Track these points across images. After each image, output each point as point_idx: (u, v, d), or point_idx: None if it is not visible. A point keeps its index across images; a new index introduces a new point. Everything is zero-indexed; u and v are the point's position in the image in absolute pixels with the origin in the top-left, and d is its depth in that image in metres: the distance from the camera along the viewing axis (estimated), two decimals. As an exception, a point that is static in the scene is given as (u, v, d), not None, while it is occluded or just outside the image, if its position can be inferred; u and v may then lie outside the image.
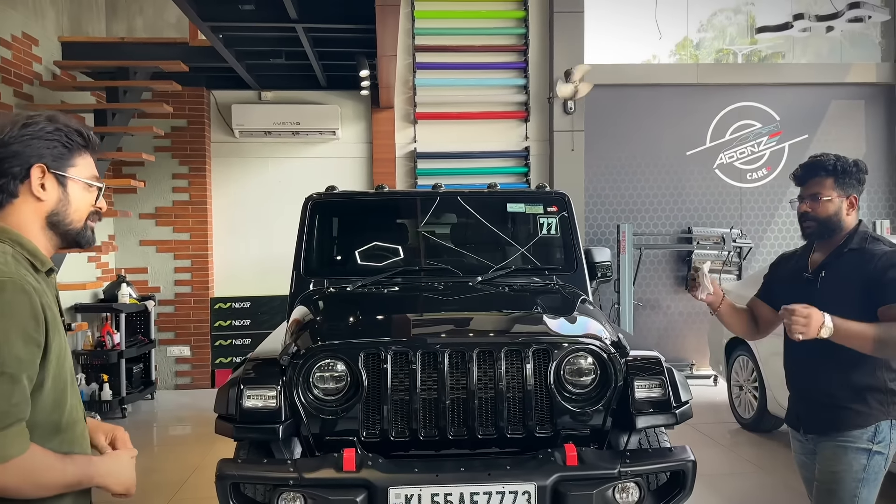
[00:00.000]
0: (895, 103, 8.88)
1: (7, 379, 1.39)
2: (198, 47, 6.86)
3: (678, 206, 8.73)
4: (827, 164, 2.58)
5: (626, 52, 9.47)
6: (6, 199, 1.57)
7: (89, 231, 1.69)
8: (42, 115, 1.62)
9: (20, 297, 1.43)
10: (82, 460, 1.56)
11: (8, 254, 1.51)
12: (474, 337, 3.12)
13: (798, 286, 2.63)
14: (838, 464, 2.47)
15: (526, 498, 2.74)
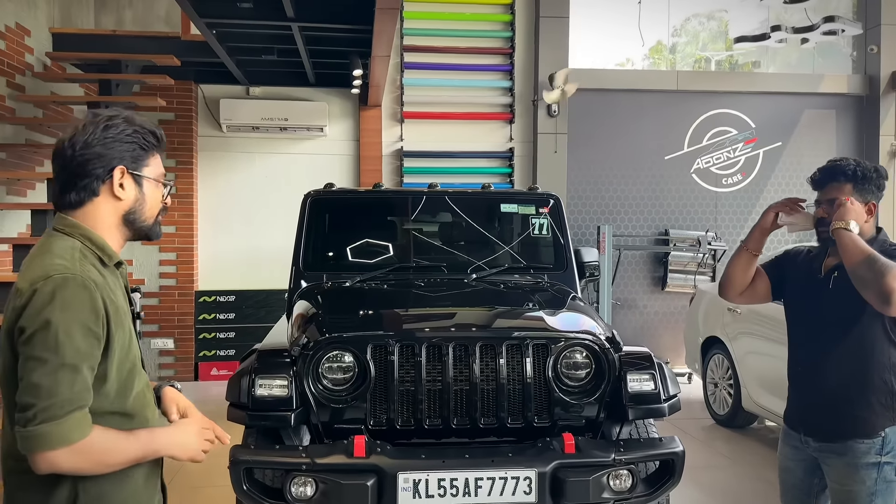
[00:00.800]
0: (865, 114, 9.23)
1: (69, 369, 1.48)
2: (190, 42, 6.92)
3: (656, 208, 8.98)
4: (847, 169, 2.49)
5: (603, 56, 9.72)
6: (87, 198, 1.66)
7: (158, 226, 1.79)
8: (120, 116, 1.70)
9: (81, 292, 1.52)
10: (144, 435, 1.64)
11: (76, 249, 1.60)
12: (477, 331, 3.27)
13: (810, 287, 2.60)
14: (851, 483, 2.43)
15: (527, 483, 2.90)
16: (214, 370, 8.21)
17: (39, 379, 1.47)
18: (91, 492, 1.58)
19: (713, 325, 6.43)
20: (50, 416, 1.46)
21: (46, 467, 1.49)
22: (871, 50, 9.07)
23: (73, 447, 1.48)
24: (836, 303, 2.46)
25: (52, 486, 1.56)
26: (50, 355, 1.47)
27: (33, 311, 1.49)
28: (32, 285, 1.51)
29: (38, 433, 1.46)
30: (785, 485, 2.73)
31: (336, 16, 5.89)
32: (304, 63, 7.35)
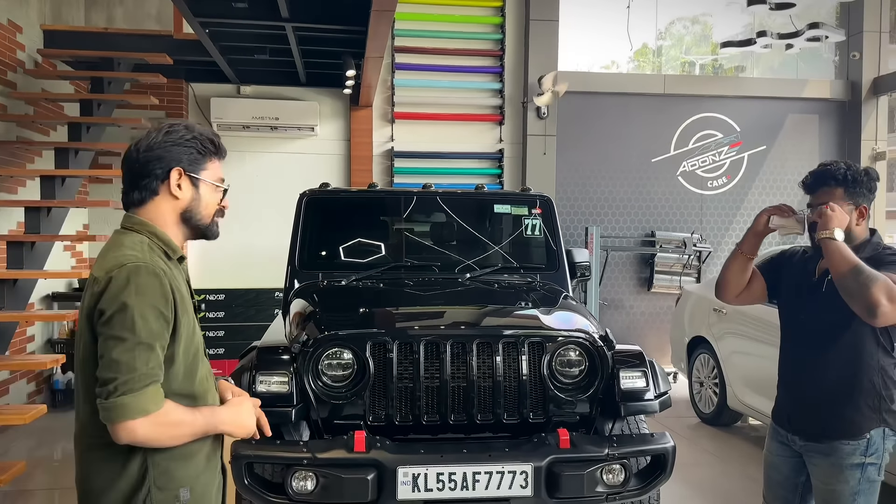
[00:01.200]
0: (847, 119, 9.42)
1: (144, 347, 1.65)
2: (182, 40, 6.93)
3: (643, 210, 9.10)
4: (837, 173, 2.50)
5: (589, 58, 9.84)
6: (148, 196, 1.83)
7: (215, 226, 1.95)
8: (181, 124, 1.86)
9: (152, 279, 1.69)
10: (207, 412, 1.81)
11: (144, 243, 1.77)
12: (474, 329, 3.34)
13: (804, 289, 2.63)
14: (835, 482, 2.48)
15: (524, 477, 2.97)
16: (203, 368, 8.21)
17: (119, 355, 1.63)
18: (160, 466, 1.73)
19: (699, 325, 6.54)
20: (129, 388, 1.62)
21: (126, 436, 1.64)
22: (853, 56, 9.25)
23: (149, 417, 1.64)
24: (829, 306, 2.48)
25: (126, 461, 1.71)
26: (128, 334, 1.63)
27: (111, 296, 1.65)
28: (108, 273, 1.68)
29: (119, 404, 1.62)
30: (770, 481, 2.76)
31: (330, 16, 5.93)
32: (295, 63, 7.38)
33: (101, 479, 1.72)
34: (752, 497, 4.66)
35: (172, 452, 1.74)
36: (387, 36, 5.78)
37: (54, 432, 6.01)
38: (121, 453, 1.70)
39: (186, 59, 7.32)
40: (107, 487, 1.72)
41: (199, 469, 1.81)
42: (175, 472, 1.75)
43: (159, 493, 1.73)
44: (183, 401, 1.77)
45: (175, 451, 1.74)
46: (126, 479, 1.71)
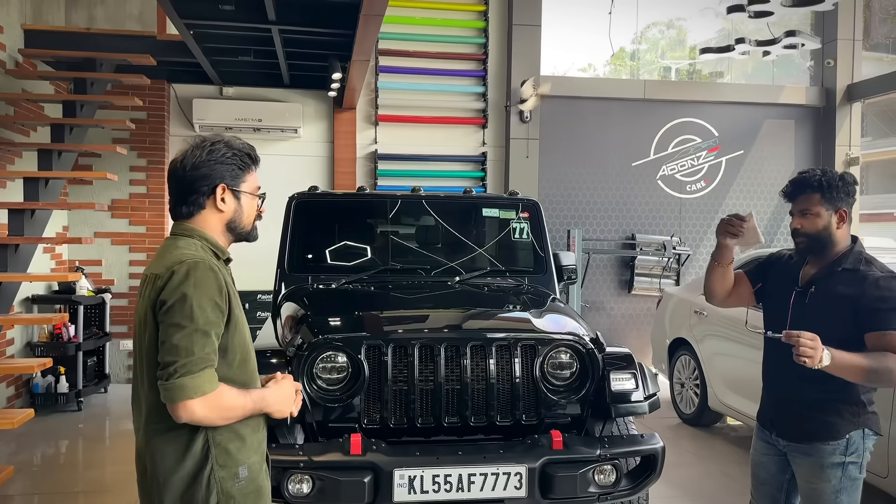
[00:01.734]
0: (822, 124, 9.62)
1: (202, 334, 1.81)
2: (165, 41, 6.88)
3: (623, 213, 9.21)
4: (812, 180, 2.57)
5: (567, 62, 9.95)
6: (196, 210, 2.01)
7: (255, 230, 2.13)
8: (222, 141, 2.02)
9: (209, 273, 1.86)
10: (256, 393, 1.97)
11: (198, 245, 1.97)
12: (467, 333, 3.37)
13: (789, 297, 2.68)
14: (817, 480, 2.55)
15: (518, 478, 3.02)
16: (185, 371, 8.15)
17: (179, 341, 1.79)
18: (221, 446, 1.89)
19: (680, 327, 6.64)
20: (188, 370, 1.78)
21: (185, 415, 1.79)
22: (827, 63, 9.45)
23: (206, 397, 1.79)
24: (813, 314, 2.55)
25: (190, 442, 1.87)
26: (187, 322, 1.80)
27: (172, 288, 1.82)
28: (169, 269, 1.85)
29: (178, 385, 1.77)
30: (757, 479, 2.83)
31: (317, 19, 5.93)
32: (280, 64, 7.37)
33: (168, 461, 1.87)
34: (734, 496, 4.76)
35: (230, 434, 1.90)
36: (374, 40, 5.81)
37: (34, 437, 5.95)
38: (185, 435, 1.86)
39: (169, 60, 7.27)
40: (174, 468, 1.86)
41: (251, 450, 1.97)
42: (233, 452, 1.90)
43: (221, 470, 1.88)
44: (236, 386, 1.93)
45: (231, 432, 1.91)
46: (191, 458, 1.86)
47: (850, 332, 2.48)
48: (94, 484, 4.95)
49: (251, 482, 1.96)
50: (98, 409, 7.03)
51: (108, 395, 7.51)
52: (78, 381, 6.83)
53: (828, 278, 2.58)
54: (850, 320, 2.49)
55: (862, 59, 9.65)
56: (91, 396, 7.27)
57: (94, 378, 7.35)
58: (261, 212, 2.13)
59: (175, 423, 1.83)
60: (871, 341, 2.45)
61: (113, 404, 7.22)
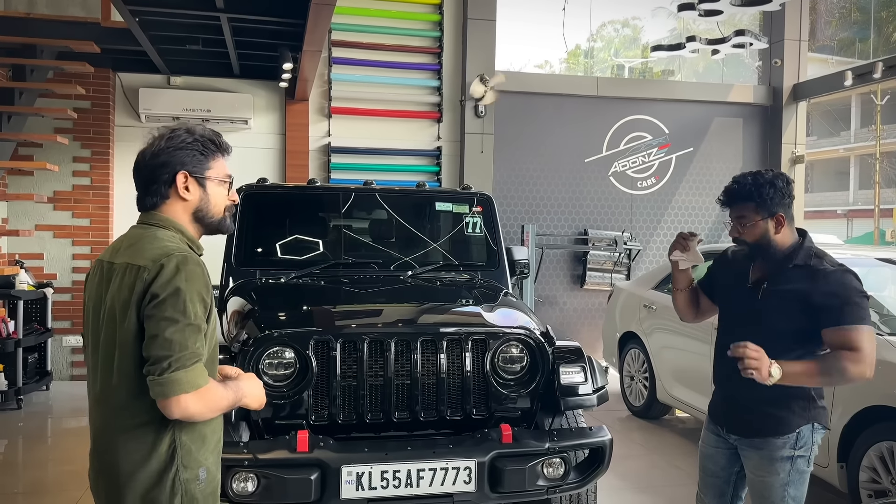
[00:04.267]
0: (768, 123, 9.85)
1: (194, 328, 1.78)
2: (109, 28, 6.68)
3: (576, 209, 9.30)
4: (744, 190, 2.55)
5: (523, 58, 10.00)
6: (160, 201, 1.93)
7: (227, 220, 2.04)
8: (183, 128, 1.95)
9: (198, 268, 1.84)
10: (234, 385, 1.95)
11: (176, 238, 1.91)
12: (418, 327, 3.34)
13: (740, 294, 2.68)
14: (766, 473, 2.56)
15: (467, 473, 3.01)
16: (131, 368, 7.94)
17: (172, 335, 1.74)
18: (185, 447, 1.84)
19: (629, 320, 6.73)
20: (181, 364, 1.74)
21: (178, 410, 1.75)
22: (775, 63, 9.68)
23: (199, 391, 1.76)
24: (765, 313, 2.54)
25: (156, 441, 1.81)
26: (180, 316, 1.76)
27: (164, 281, 1.77)
28: (157, 262, 1.80)
29: (173, 379, 1.73)
30: (706, 471, 2.82)
31: (267, 8, 5.82)
32: (229, 54, 7.22)
33: (132, 460, 1.81)
34: (680, 487, 4.84)
35: (193, 434, 1.86)
36: (326, 30, 5.73)
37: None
38: (151, 434, 1.81)
39: (114, 48, 7.06)
40: (137, 468, 1.81)
41: (209, 451, 1.92)
42: (196, 452, 1.87)
43: (186, 472, 1.83)
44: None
45: (195, 433, 1.87)
46: (156, 459, 1.81)
47: (803, 328, 2.48)
48: (36, 485, 4.79)
49: (210, 483, 1.92)
50: (39, 407, 6.80)
51: (51, 393, 7.28)
52: (18, 379, 6.58)
53: (779, 275, 2.56)
54: (803, 316, 2.47)
55: (808, 60, 9.91)
56: (32, 394, 7.04)
57: (35, 375, 7.11)
58: (232, 200, 2.04)
59: (143, 421, 1.80)
60: (828, 337, 2.45)
61: (55, 402, 7.00)
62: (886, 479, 3.79)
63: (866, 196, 29.69)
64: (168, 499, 1.82)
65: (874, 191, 25.31)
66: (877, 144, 25.26)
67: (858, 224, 31.02)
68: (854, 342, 2.39)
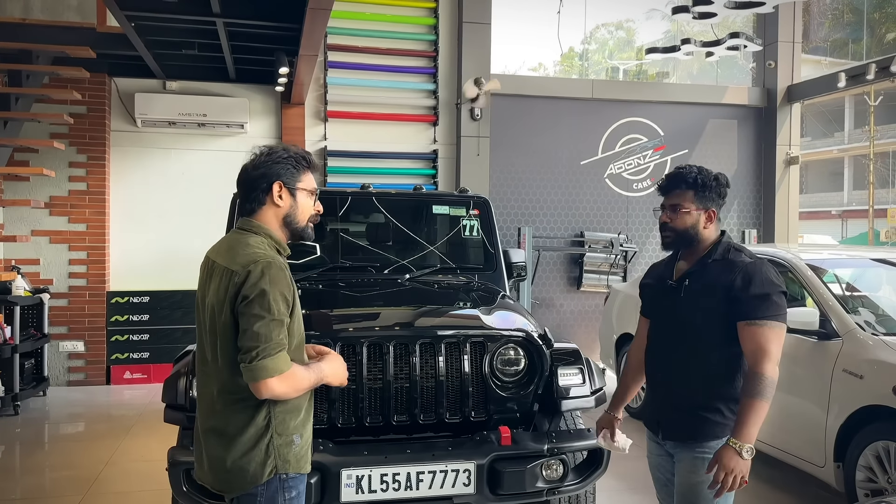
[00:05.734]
0: (763, 124, 9.89)
1: (277, 323, 2.09)
2: (105, 33, 6.68)
3: (572, 211, 9.32)
4: (688, 176, 2.59)
5: (518, 61, 10.04)
6: (257, 206, 2.26)
7: (309, 228, 2.35)
8: (280, 146, 2.30)
9: (280, 272, 2.13)
10: (316, 367, 2.25)
11: (265, 243, 2.21)
12: (417, 330, 3.35)
13: (663, 293, 2.69)
14: (696, 475, 2.49)
15: (466, 475, 3.02)
16: (128, 374, 7.94)
17: (259, 329, 2.06)
18: (279, 417, 2.17)
19: (626, 322, 6.75)
20: (267, 353, 2.05)
21: (266, 392, 2.07)
22: (769, 65, 9.72)
23: (282, 375, 2.08)
24: (688, 310, 2.54)
25: (255, 413, 2.15)
26: (265, 313, 2.07)
27: (251, 284, 2.08)
28: (245, 267, 2.11)
29: (260, 366, 2.04)
30: (658, 481, 2.79)
31: (263, 13, 5.83)
32: (225, 58, 7.23)
33: (236, 426, 2.16)
34: (679, 488, 4.84)
35: (287, 406, 2.18)
36: (322, 34, 5.74)
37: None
38: (251, 407, 2.14)
39: (110, 53, 7.07)
40: (240, 432, 2.15)
41: (303, 420, 2.25)
42: (289, 422, 2.20)
43: (279, 438, 2.17)
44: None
45: (288, 405, 2.18)
46: (254, 427, 2.15)
47: (724, 322, 2.47)
48: (33, 490, 4.78)
49: (303, 447, 2.25)
50: (36, 413, 6.79)
51: (48, 399, 7.27)
52: (14, 385, 6.57)
53: (700, 270, 2.57)
54: (723, 310, 2.47)
55: (801, 61, 9.95)
56: (29, 400, 7.03)
57: (31, 381, 7.10)
58: (317, 211, 2.35)
59: (243, 396, 2.12)
60: (742, 334, 2.44)
61: (52, 408, 6.99)
62: (883, 479, 3.81)
63: (861, 196, 29.79)
64: (262, 459, 2.15)
65: (868, 191, 25.40)
66: (870, 145, 25.36)
67: (853, 225, 31.11)
68: (764, 341, 2.39)
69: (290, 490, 2.23)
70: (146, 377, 7.93)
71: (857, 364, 4.01)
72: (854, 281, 5.46)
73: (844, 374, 4.05)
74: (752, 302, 2.42)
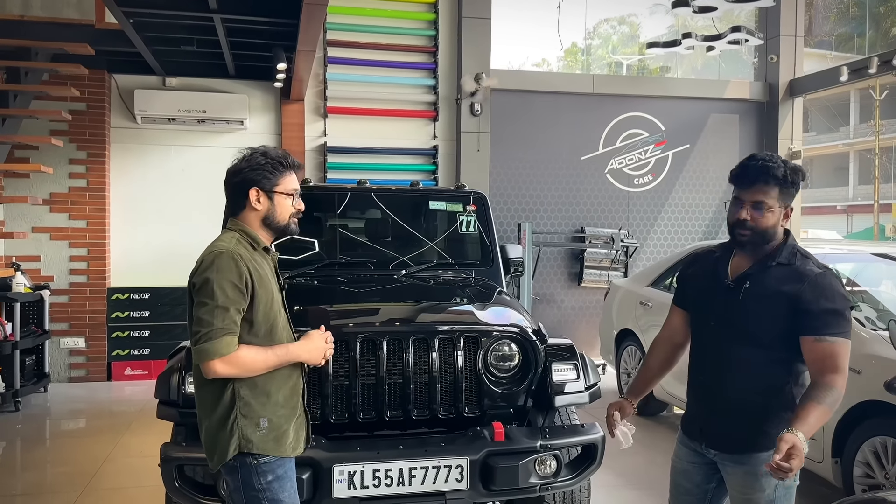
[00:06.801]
0: (765, 119, 9.84)
1: (221, 309, 2.22)
2: (104, 30, 6.68)
3: (573, 207, 9.30)
4: (777, 171, 2.31)
5: (521, 56, 10.01)
6: (238, 210, 2.44)
7: (293, 225, 2.49)
8: (259, 151, 2.43)
9: (229, 261, 2.26)
10: (280, 348, 2.35)
11: (235, 237, 2.37)
12: (410, 326, 3.34)
13: (717, 293, 2.46)
14: (752, 491, 2.36)
15: (459, 471, 3.01)
16: (129, 370, 7.96)
17: (202, 314, 2.23)
18: (244, 399, 2.30)
19: (626, 317, 6.73)
20: (209, 337, 2.21)
21: (210, 372, 2.23)
22: (770, 59, 9.67)
23: (224, 358, 2.21)
24: (746, 314, 2.36)
25: (220, 394, 2.30)
26: (208, 300, 2.23)
27: (199, 273, 2.28)
28: (201, 257, 2.31)
29: (202, 349, 2.21)
30: (678, 488, 2.61)
31: (260, 8, 5.82)
32: (224, 55, 7.22)
33: (205, 407, 2.35)
34: (677, 483, 4.83)
35: (254, 390, 2.31)
36: (319, 29, 5.72)
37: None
38: (217, 389, 2.30)
39: (109, 50, 7.07)
40: (212, 410, 2.32)
41: (276, 405, 2.34)
42: (255, 405, 2.31)
43: (244, 419, 2.29)
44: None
45: (256, 389, 2.31)
46: (221, 406, 2.30)
47: (785, 330, 2.31)
48: (34, 486, 4.79)
49: (271, 431, 2.33)
50: (37, 409, 6.81)
51: (48, 395, 7.29)
52: (15, 381, 6.60)
53: (762, 273, 2.37)
54: (786, 318, 2.29)
55: (804, 55, 9.90)
56: (30, 396, 7.05)
57: (32, 377, 7.12)
58: (298, 208, 2.47)
59: (209, 379, 2.27)
60: (807, 347, 2.27)
61: (53, 404, 7.01)
62: (880, 474, 3.80)
63: (866, 191, 29.67)
64: (228, 437, 2.29)
65: (874, 186, 25.29)
66: (876, 140, 25.24)
67: (858, 219, 31.00)
68: (832, 357, 2.23)
69: (266, 474, 2.32)
70: (147, 373, 7.94)
71: (855, 359, 3.97)
72: (855, 276, 5.44)
73: (842, 369, 4.03)
74: (822, 317, 2.25)
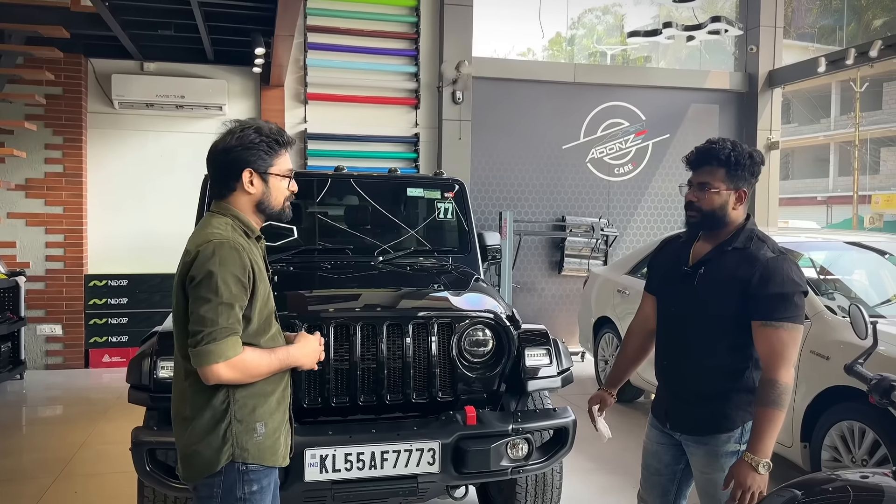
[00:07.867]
0: (744, 109, 9.91)
1: (226, 306, 2.02)
2: (80, 13, 6.58)
3: (554, 195, 9.32)
4: (721, 153, 2.38)
5: (506, 46, 10.00)
6: (228, 192, 2.20)
7: (286, 209, 2.29)
8: (252, 127, 2.18)
9: (233, 252, 2.05)
10: (281, 351, 2.18)
11: (228, 224, 2.16)
12: (384, 311, 3.35)
13: (675, 277, 2.54)
14: (712, 470, 2.44)
15: (431, 454, 3.03)
16: (107, 357, 7.91)
17: (205, 312, 2.00)
18: (240, 402, 2.11)
19: (604, 305, 6.78)
20: (212, 338, 1.99)
21: (212, 377, 2.02)
22: (750, 50, 9.73)
23: (229, 361, 2.01)
24: (702, 297, 2.41)
25: (211, 396, 2.09)
26: (212, 295, 2.00)
27: (199, 265, 2.03)
28: (197, 247, 2.06)
29: (204, 351, 1.99)
30: (649, 469, 2.70)
31: (238, -8, 5.77)
32: (202, 39, 7.15)
33: (193, 409, 2.11)
34: (651, 468, 4.89)
35: (251, 391, 2.11)
36: (297, 14, 5.68)
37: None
38: (207, 389, 2.08)
39: (85, 33, 6.97)
40: (197, 416, 2.10)
41: (271, 408, 2.17)
42: (253, 408, 2.12)
43: (238, 424, 2.10)
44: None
45: (253, 390, 2.12)
46: (212, 410, 2.09)
47: (739, 315, 2.34)
48: (9, 472, 4.77)
49: (268, 437, 2.15)
50: (13, 396, 6.76)
51: (25, 382, 7.23)
52: (-11, 368, 6.55)
53: (718, 258, 2.42)
54: (738, 304, 2.33)
55: (783, 47, 9.97)
56: (6, 384, 7.00)
57: (8, 364, 7.06)
58: (292, 192, 2.27)
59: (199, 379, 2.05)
60: (756, 332, 2.32)
61: (29, 391, 6.95)
62: (847, 458, 3.87)
63: (846, 183, 29.98)
64: (219, 446, 2.08)
65: (853, 177, 25.55)
66: (856, 131, 25.48)
67: (838, 210, 31.33)
68: (780, 343, 2.27)
69: (251, 483, 2.12)
70: (125, 361, 7.89)
71: (823, 345, 4.06)
72: (829, 265, 5.50)
73: (812, 355, 4.09)
74: (769, 301, 2.28)
